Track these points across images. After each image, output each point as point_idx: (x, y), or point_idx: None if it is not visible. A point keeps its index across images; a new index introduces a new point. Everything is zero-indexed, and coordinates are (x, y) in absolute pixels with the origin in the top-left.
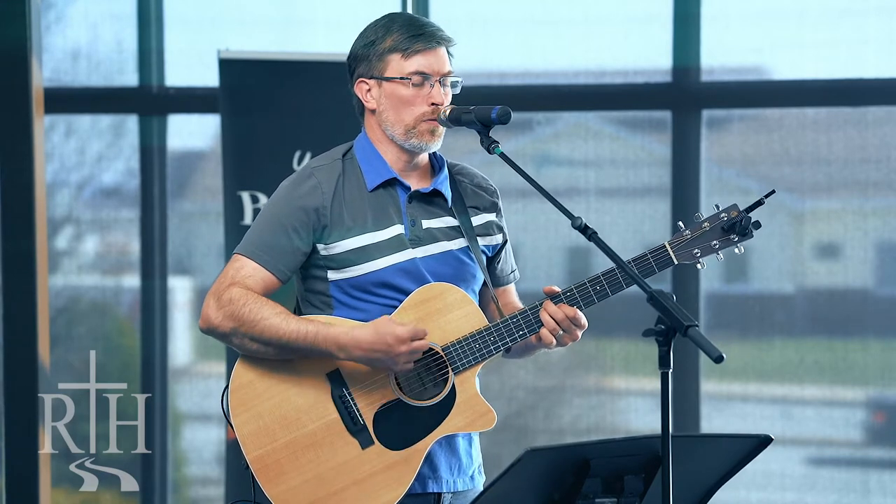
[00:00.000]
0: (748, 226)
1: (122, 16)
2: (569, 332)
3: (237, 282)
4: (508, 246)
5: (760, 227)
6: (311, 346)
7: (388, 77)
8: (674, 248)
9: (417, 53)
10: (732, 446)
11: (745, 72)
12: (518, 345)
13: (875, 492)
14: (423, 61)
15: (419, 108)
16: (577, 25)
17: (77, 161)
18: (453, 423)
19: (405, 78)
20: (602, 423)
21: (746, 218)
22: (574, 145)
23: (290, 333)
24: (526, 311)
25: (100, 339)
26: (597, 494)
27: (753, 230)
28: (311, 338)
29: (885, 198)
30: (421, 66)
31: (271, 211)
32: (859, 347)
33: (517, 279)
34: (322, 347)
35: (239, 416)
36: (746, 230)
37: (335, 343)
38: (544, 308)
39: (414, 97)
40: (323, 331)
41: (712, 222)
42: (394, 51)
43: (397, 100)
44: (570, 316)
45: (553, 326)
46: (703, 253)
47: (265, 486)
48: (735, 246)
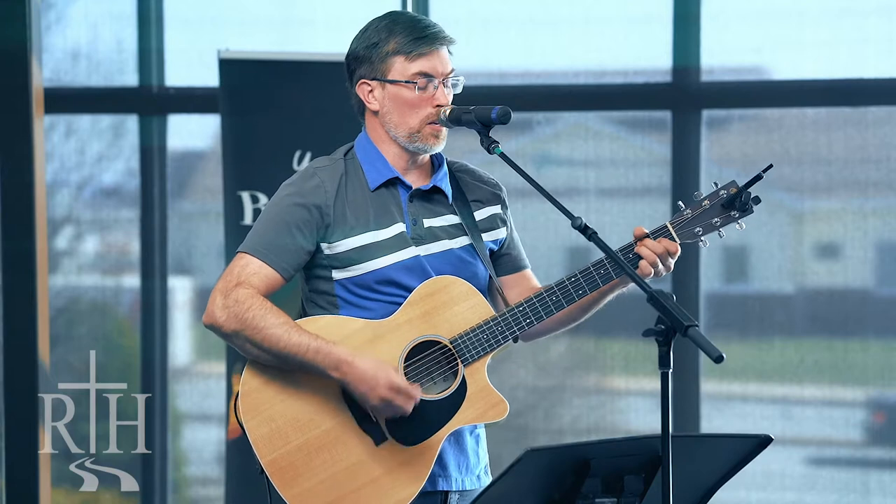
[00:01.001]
0: (748, 201)
1: (122, 16)
2: (665, 264)
3: (243, 281)
4: (515, 234)
5: (760, 203)
6: (310, 363)
7: (391, 80)
8: (675, 227)
9: (421, 56)
10: (732, 446)
11: (745, 72)
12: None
13: (875, 492)
14: (426, 64)
15: (424, 110)
16: (577, 25)
17: (77, 161)
18: (466, 415)
19: (409, 81)
20: (602, 423)
21: (746, 193)
22: (574, 145)
23: (290, 347)
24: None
25: (100, 339)
26: (597, 494)
27: (753, 205)
28: (311, 355)
29: (885, 198)
30: (424, 69)
31: (274, 210)
32: (859, 347)
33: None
34: (319, 365)
35: (250, 421)
36: (746, 206)
37: (334, 361)
38: (642, 243)
39: (418, 100)
40: (324, 349)
41: (712, 199)
42: (397, 53)
43: (401, 102)
44: (671, 250)
45: (653, 259)
46: (705, 231)
47: (281, 490)
48: (736, 222)
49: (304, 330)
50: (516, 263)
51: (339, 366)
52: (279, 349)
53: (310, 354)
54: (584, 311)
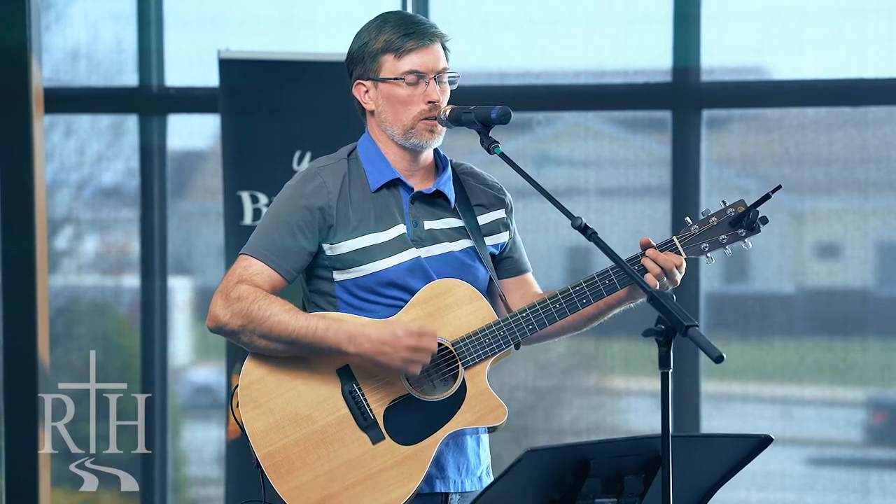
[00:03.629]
0: (755, 220)
1: (122, 16)
2: (671, 278)
3: (245, 279)
4: (518, 238)
5: (768, 223)
6: (321, 341)
7: (382, 78)
8: (682, 242)
9: (410, 52)
10: (732, 446)
11: (745, 72)
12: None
13: (875, 492)
14: (416, 60)
15: (416, 107)
16: (577, 25)
17: (77, 161)
18: (464, 418)
19: (399, 78)
20: (602, 423)
21: (754, 212)
22: (574, 145)
23: (298, 329)
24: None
25: (100, 339)
26: (597, 494)
27: (761, 225)
28: (321, 333)
29: (885, 198)
30: (415, 65)
31: (277, 211)
32: (859, 347)
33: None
34: (331, 341)
35: (249, 413)
36: (754, 224)
37: (346, 335)
38: (648, 255)
39: (410, 96)
40: (333, 325)
41: (719, 217)
42: (386, 51)
43: (394, 100)
44: (677, 264)
45: (658, 272)
46: (712, 248)
47: (276, 483)
48: (742, 241)
49: (309, 313)
50: (518, 267)
51: (352, 339)
52: (287, 334)
53: (319, 333)
54: (587, 322)
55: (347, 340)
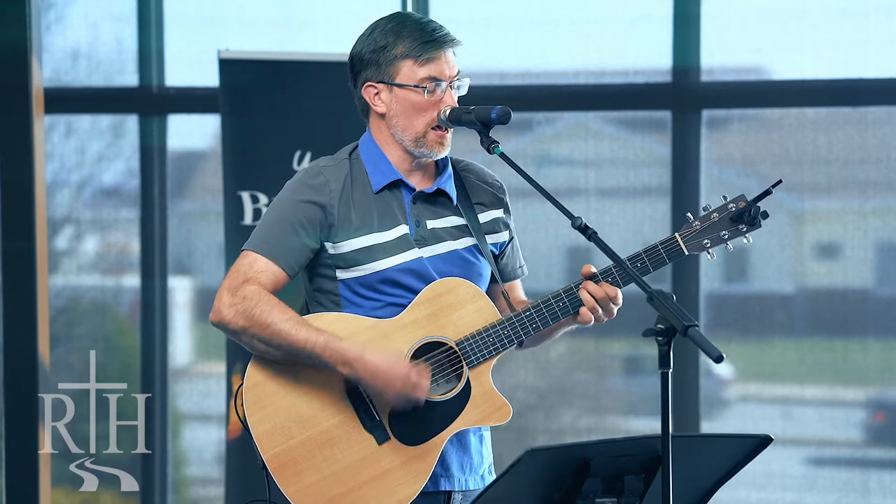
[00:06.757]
0: (756, 215)
1: (122, 16)
2: (606, 310)
3: (251, 277)
4: (516, 242)
5: (768, 217)
6: (318, 358)
7: (399, 84)
8: (684, 238)
9: (431, 61)
10: (732, 446)
11: (745, 72)
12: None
13: (875, 492)
14: (435, 68)
15: (430, 113)
16: (577, 25)
17: (77, 161)
18: (469, 418)
19: (418, 86)
20: (602, 423)
21: (755, 207)
22: (574, 145)
23: (298, 342)
24: (538, 304)
25: (100, 339)
26: (597, 494)
27: (762, 220)
28: (319, 350)
29: (885, 198)
30: (433, 72)
31: (279, 207)
32: (859, 347)
33: (525, 275)
34: (328, 361)
35: (254, 415)
36: (755, 220)
37: (341, 357)
38: (584, 287)
39: (426, 103)
40: (332, 344)
41: (721, 213)
42: (406, 57)
43: (409, 106)
44: (611, 295)
45: (592, 305)
46: (713, 243)
47: (282, 485)
48: (744, 236)
49: (311, 325)
50: (506, 274)
51: (348, 362)
52: (287, 345)
53: (318, 349)
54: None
55: (343, 362)
